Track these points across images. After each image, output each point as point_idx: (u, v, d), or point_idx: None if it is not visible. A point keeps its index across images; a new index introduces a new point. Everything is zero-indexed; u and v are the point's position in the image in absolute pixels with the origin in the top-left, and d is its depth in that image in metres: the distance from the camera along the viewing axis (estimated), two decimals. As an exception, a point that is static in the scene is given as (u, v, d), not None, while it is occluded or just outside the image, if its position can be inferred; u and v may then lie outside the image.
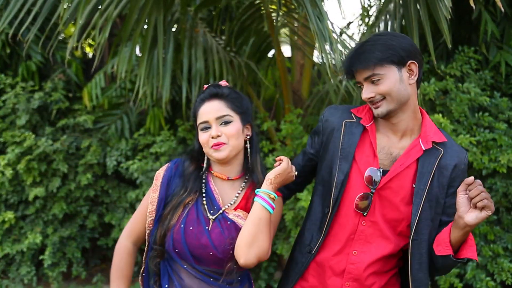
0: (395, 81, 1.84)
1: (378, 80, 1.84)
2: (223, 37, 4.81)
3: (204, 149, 1.98)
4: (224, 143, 1.92)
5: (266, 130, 4.42)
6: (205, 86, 2.05)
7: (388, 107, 1.87)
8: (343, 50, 3.28)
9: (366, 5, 4.89)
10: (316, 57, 4.88)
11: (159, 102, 4.65)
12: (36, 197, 4.92)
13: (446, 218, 1.94)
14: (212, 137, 1.92)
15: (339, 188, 1.95)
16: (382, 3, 4.34)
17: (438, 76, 4.17)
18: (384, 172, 1.93)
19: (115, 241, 4.82)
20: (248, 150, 2.03)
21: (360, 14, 5.02)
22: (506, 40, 4.34)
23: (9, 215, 4.82)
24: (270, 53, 5.07)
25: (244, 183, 2.04)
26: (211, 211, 1.95)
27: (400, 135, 1.95)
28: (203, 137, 1.94)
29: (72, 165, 5.01)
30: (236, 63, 4.46)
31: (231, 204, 1.98)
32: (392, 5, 4.01)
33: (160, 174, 2.03)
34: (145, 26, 3.95)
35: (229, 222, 1.94)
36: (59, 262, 4.98)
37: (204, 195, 1.98)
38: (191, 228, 1.91)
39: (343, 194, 1.96)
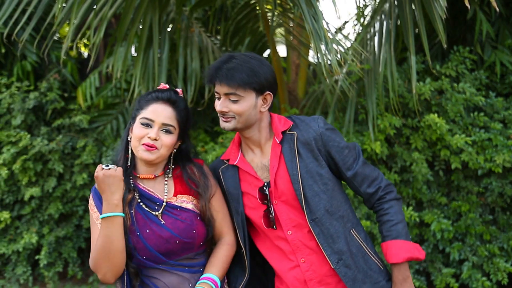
0: (250, 106, 1.95)
1: (237, 100, 1.94)
2: (219, 37, 4.79)
3: (132, 142, 1.96)
4: (156, 148, 1.93)
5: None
6: (164, 85, 2.04)
7: (235, 125, 1.98)
8: (338, 49, 3.26)
9: (361, 5, 4.87)
10: (312, 57, 4.87)
11: None
12: (31, 197, 4.89)
13: (349, 172, 2.05)
14: (149, 137, 1.92)
15: (241, 228, 2.09)
16: (377, 3, 4.31)
17: (434, 76, 4.17)
18: (269, 183, 2.04)
19: None
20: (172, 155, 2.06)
21: (356, 14, 5.00)
22: (501, 40, 4.32)
23: (5, 215, 4.79)
24: (266, 53, 5.06)
25: (168, 170, 2.06)
26: (156, 207, 1.96)
27: (258, 145, 2.07)
28: (140, 131, 1.93)
29: (68, 165, 4.98)
30: None
31: (167, 193, 2.00)
32: (387, 5, 3.98)
33: (91, 203, 2.00)
34: (140, 26, 3.92)
35: (178, 209, 1.97)
36: (55, 262, 4.95)
37: (139, 199, 1.98)
38: (147, 231, 1.92)
39: (249, 227, 2.13)
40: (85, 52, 6.12)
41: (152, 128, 1.92)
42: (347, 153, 2.05)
